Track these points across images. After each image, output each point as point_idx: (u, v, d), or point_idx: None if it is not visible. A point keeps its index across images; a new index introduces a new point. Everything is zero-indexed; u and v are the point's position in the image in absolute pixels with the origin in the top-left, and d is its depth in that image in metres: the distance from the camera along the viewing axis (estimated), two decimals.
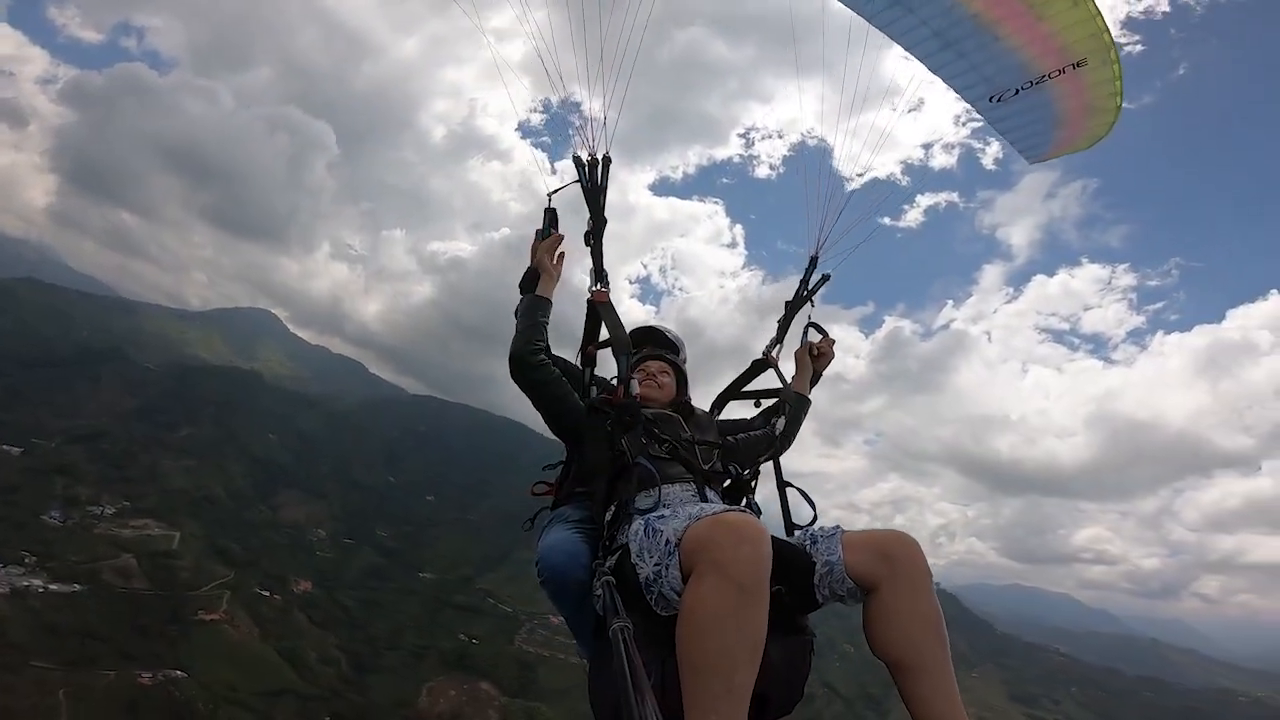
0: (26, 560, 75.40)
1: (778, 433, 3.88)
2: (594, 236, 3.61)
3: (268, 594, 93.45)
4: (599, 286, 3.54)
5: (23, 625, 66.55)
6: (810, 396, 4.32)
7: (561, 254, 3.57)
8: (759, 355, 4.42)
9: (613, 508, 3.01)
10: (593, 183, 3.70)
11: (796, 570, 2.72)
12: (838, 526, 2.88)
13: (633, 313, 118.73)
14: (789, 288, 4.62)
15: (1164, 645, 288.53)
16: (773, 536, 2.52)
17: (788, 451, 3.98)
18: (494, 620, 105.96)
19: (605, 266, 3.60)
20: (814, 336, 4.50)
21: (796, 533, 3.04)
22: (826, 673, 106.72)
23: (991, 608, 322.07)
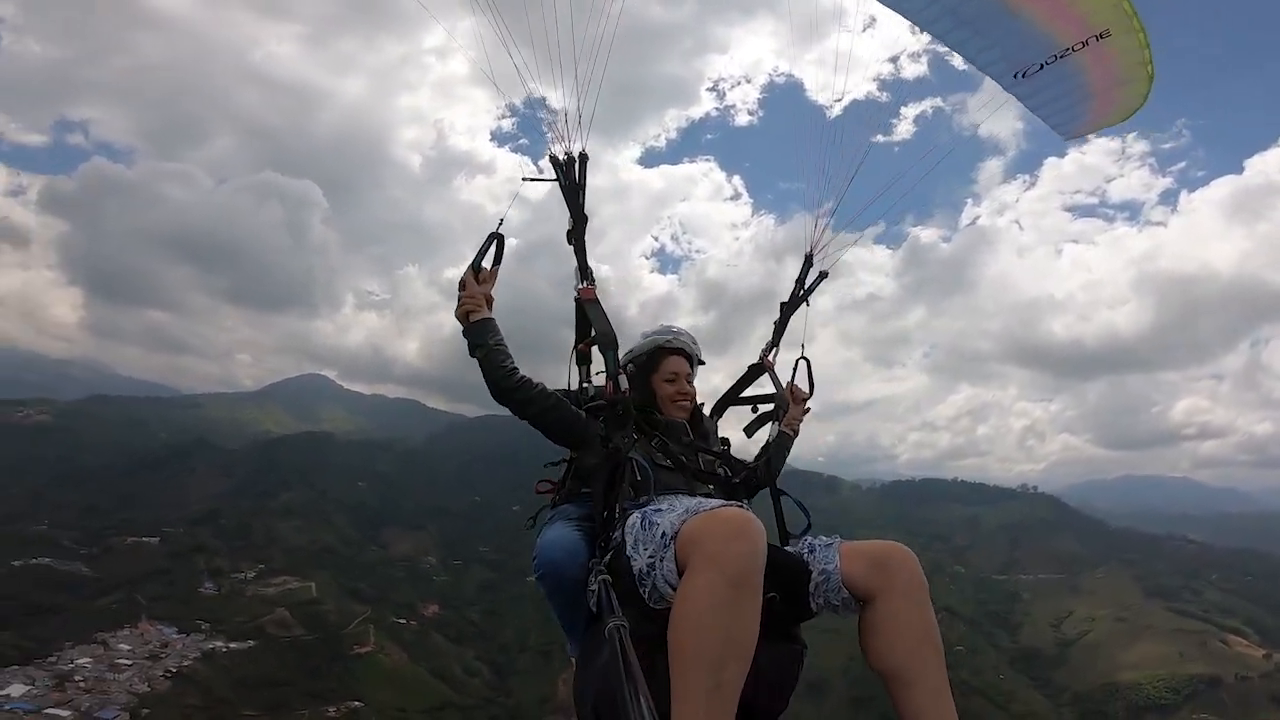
0: (203, 627, 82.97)
1: (772, 466, 3.87)
2: (575, 235, 3.56)
3: (404, 621, 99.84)
4: (584, 284, 3.51)
5: (222, 682, 73.60)
6: (791, 433, 4.19)
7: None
8: (755, 359, 4.39)
9: (611, 506, 2.97)
10: (570, 181, 3.64)
11: (792, 578, 2.72)
12: (836, 536, 2.90)
13: (656, 286, 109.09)
14: (800, 226, 4.53)
15: None
16: (771, 544, 2.52)
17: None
18: None
19: (590, 263, 3.56)
20: (800, 378, 4.40)
21: (795, 542, 3.05)
22: (942, 596, 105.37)
23: (1106, 504, 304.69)
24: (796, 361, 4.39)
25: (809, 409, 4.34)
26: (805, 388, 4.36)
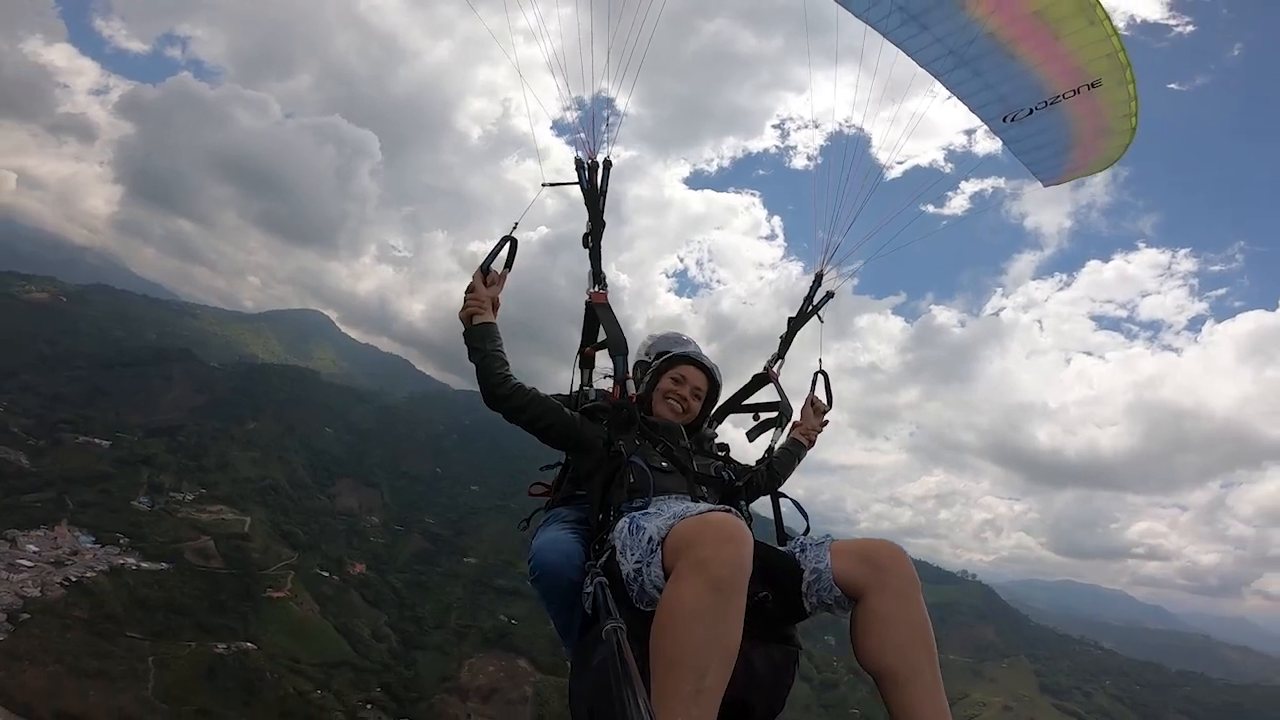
0: (121, 541, 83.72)
1: (774, 465, 3.95)
2: (593, 239, 3.60)
3: (327, 575, 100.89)
4: (597, 288, 3.55)
5: (119, 599, 74.57)
6: (806, 443, 4.29)
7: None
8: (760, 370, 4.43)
9: (607, 509, 2.99)
10: (592, 185, 3.70)
11: (785, 578, 2.70)
12: (828, 535, 2.87)
13: (670, 307, 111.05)
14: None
15: (1216, 642, 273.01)
16: (762, 544, 2.60)
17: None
18: (532, 602, 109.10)
19: (603, 268, 3.59)
20: (820, 391, 4.47)
21: (789, 543, 3.01)
22: (852, 660, 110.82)
23: (1038, 603, 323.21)
24: (815, 375, 4.50)
25: (827, 420, 4.46)
26: (824, 400, 4.49)
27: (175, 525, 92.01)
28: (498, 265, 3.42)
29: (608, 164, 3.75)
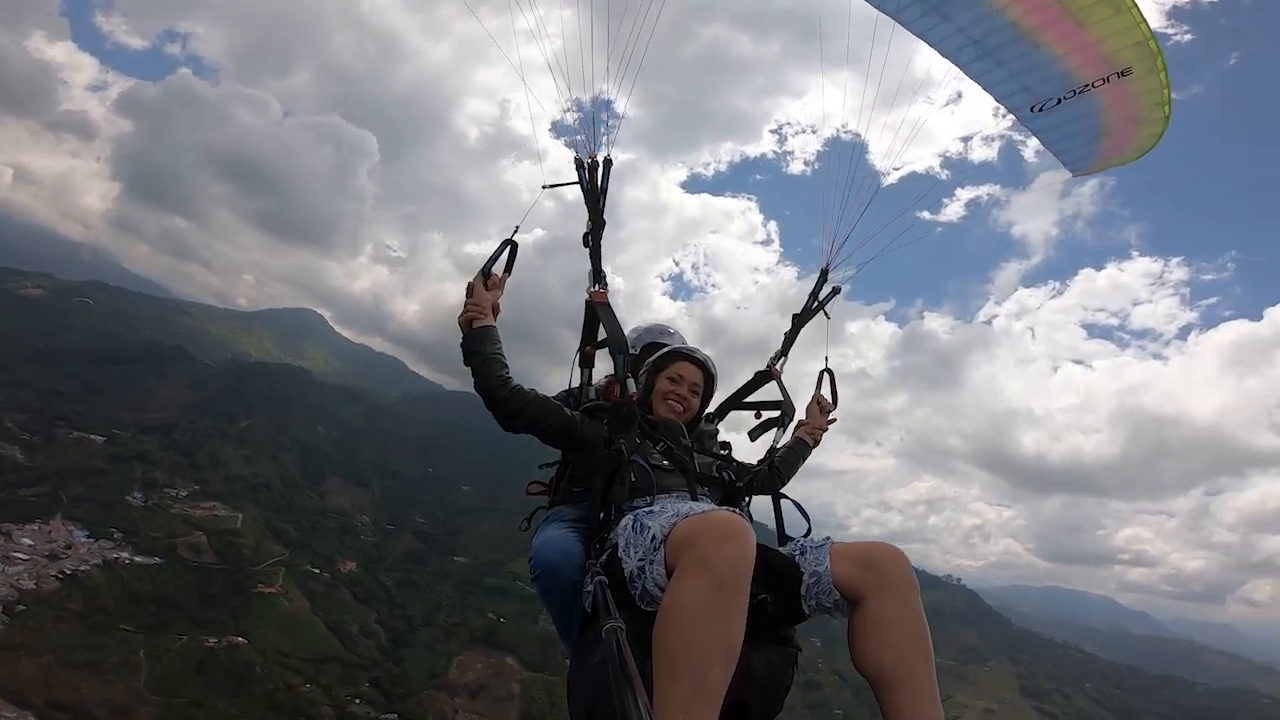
0: (115, 535, 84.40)
1: (777, 464, 3.96)
2: (593, 238, 3.59)
3: (318, 572, 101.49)
4: (597, 287, 3.55)
5: (112, 593, 75.60)
6: (811, 442, 4.27)
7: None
8: (764, 366, 4.36)
9: (608, 508, 2.99)
10: (592, 185, 3.72)
11: (784, 580, 2.69)
12: (828, 538, 2.85)
13: (663, 310, 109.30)
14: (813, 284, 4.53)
15: (1199, 647, 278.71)
16: (762, 545, 2.54)
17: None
18: (521, 601, 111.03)
19: (604, 267, 3.59)
20: (825, 389, 4.43)
21: (788, 544, 2.99)
22: (834, 663, 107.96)
23: (1025, 607, 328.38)
24: (821, 373, 4.49)
25: (834, 419, 4.43)
26: (830, 398, 4.49)
27: (168, 521, 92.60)
28: (498, 269, 3.41)
29: (608, 163, 3.78)
